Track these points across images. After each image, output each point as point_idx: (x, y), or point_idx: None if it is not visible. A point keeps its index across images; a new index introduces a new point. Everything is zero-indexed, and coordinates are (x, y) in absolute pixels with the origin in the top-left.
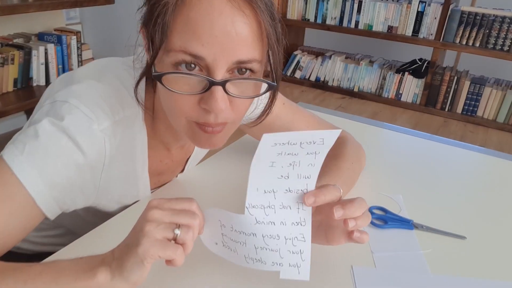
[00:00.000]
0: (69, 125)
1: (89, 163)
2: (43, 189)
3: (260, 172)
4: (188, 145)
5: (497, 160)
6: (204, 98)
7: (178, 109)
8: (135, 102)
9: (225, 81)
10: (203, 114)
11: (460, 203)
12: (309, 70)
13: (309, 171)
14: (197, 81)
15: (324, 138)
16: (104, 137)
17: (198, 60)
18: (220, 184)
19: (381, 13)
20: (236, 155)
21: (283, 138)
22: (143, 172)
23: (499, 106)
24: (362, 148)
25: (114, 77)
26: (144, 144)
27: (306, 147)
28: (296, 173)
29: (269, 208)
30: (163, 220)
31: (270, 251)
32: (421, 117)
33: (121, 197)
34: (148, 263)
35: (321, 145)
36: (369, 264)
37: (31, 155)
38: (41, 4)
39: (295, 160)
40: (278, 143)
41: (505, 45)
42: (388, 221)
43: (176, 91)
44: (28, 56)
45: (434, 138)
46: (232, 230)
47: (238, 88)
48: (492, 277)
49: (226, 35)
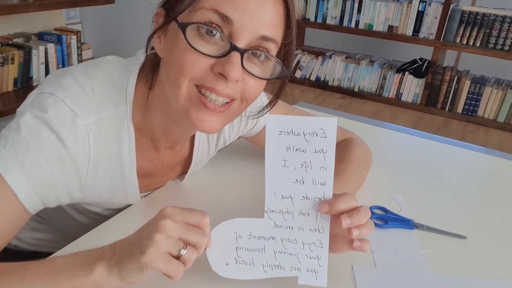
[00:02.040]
0: (53, 118)
1: (73, 157)
2: (24, 183)
3: (275, 174)
4: (179, 147)
5: (498, 160)
6: (220, 63)
7: (187, 70)
8: (124, 101)
9: (246, 49)
10: (212, 79)
11: (460, 202)
12: (310, 69)
13: (323, 176)
14: (216, 46)
15: (324, 128)
16: (88, 132)
17: (226, 23)
18: (214, 188)
19: (381, 12)
20: (230, 159)
21: (286, 124)
22: (131, 173)
23: (500, 106)
24: (368, 147)
25: (106, 75)
26: (132, 143)
27: (310, 140)
28: (310, 177)
29: (287, 214)
30: (173, 235)
31: (289, 255)
32: (421, 117)
33: (109, 198)
34: (147, 271)
35: (324, 139)
36: (369, 263)
37: (13, 149)
38: (41, 3)
39: (305, 159)
40: (283, 132)
41: (505, 44)
42: (388, 220)
43: (195, 46)
44: (28, 55)
45: (435, 138)
46: (251, 238)
47: (255, 67)
48: (492, 277)
49: (259, 6)
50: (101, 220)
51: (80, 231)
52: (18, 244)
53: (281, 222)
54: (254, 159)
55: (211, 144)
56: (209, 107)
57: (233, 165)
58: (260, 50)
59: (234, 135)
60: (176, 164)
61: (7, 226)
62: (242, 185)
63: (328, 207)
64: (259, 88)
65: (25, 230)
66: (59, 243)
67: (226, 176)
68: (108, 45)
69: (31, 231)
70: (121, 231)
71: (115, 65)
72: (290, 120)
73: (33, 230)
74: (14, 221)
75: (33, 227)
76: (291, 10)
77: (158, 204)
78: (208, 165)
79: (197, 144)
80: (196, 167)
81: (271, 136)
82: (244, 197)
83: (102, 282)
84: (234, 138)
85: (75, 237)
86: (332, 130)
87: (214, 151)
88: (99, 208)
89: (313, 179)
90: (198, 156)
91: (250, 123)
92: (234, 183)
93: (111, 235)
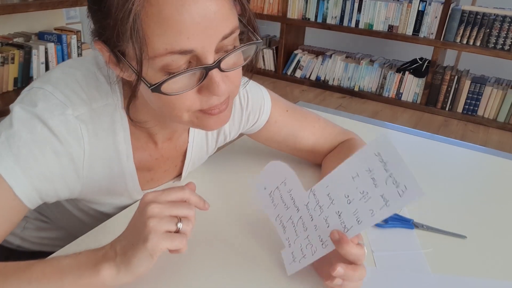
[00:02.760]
0: (43, 111)
1: (67, 150)
2: (21, 177)
3: (341, 176)
4: (176, 138)
5: (498, 160)
6: (204, 86)
7: (180, 108)
8: (115, 91)
9: (219, 61)
10: (206, 101)
11: (460, 202)
12: (310, 69)
13: (364, 217)
14: (191, 74)
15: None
16: (80, 124)
17: (187, 54)
18: (214, 188)
19: (381, 12)
20: (230, 159)
21: (389, 155)
22: (128, 160)
23: (500, 105)
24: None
25: (94, 66)
26: (127, 132)
27: (388, 188)
28: (356, 207)
29: (319, 208)
30: (164, 214)
31: (294, 231)
32: (421, 116)
33: (109, 190)
34: (156, 255)
35: (398, 198)
36: (369, 263)
37: (6, 142)
38: (41, 3)
39: (369, 192)
40: (380, 155)
41: (505, 44)
42: (388, 220)
43: (178, 92)
44: (28, 55)
45: (435, 138)
46: (289, 192)
47: (230, 61)
48: (492, 276)
49: (206, 19)
50: (103, 219)
51: (83, 230)
52: (21, 244)
53: (312, 207)
54: (254, 159)
55: (211, 138)
56: (215, 113)
57: (233, 165)
58: (228, 52)
59: (235, 131)
60: (176, 157)
61: (3, 221)
62: (242, 185)
63: (338, 241)
64: (239, 73)
65: (29, 229)
66: (62, 242)
67: (226, 176)
68: None
69: (35, 230)
70: (122, 229)
71: (102, 58)
72: (394, 156)
73: (37, 229)
74: (10, 216)
75: (37, 226)
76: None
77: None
78: (208, 165)
79: (192, 134)
80: (194, 160)
81: (369, 150)
82: (244, 197)
83: (110, 281)
84: (235, 134)
85: (79, 236)
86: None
87: (214, 148)
88: (101, 205)
89: (356, 209)
90: (194, 146)
91: (252, 119)
92: (234, 183)
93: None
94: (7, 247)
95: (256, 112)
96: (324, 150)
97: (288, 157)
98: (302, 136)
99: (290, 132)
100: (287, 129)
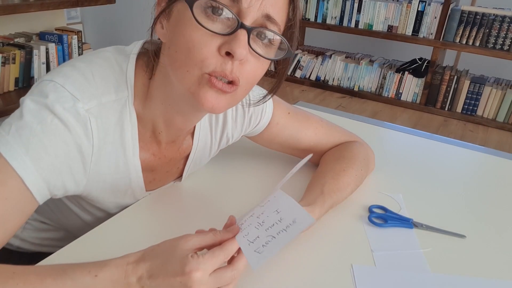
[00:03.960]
0: (53, 102)
1: (76, 141)
2: (31, 167)
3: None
4: (180, 141)
5: (497, 159)
6: (227, 41)
7: (196, 50)
8: (125, 86)
9: (253, 27)
10: (220, 62)
11: (460, 202)
12: (310, 69)
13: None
14: (222, 25)
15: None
16: (90, 117)
17: (235, 2)
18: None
19: (381, 12)
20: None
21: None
22: (134, 156)
23: (499, 105)
24: (372, 152)
25: (105, 61)
26: (134, 128)
27: (285, 229)
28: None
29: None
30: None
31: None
32: (421, 116)
33: (113, 185)
34: None
35: (294, 227)
36: (369, 262)
37: (17, 133)
38: (42, 3)
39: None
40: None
41: (505, 44)
42: (388, 220)
43: (205, 25)
44: (29, 55)
45: (434, 137)
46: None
47: (258, 48)
48: (492, 276)
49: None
50: (104, 218)
51: (83, 229)
52: (20, 245)
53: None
54: (254, 159)
55: (214, 142)
56: (217, 85)
57: (234, 165)
58: (267, 29)
59: (237, 133)
60: (179, 160)
61: (15, 214)
62: (242, 185)
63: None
64: (260, 70)
65: (29, 230)
66: (62, 242)
67: (227, 176)
68: (109, 45)
69: (35, 231)
70: (123, 229)
71: (114, 53)
72: (287, 201)
73: (36, 230)
74: (22, 208)
75: (37, 227)
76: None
77: (160, 203)
78: (209, 165)
79: (198, 130)
80: (196, 162)
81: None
82: (245, 197)
83: None
84: (237, 137)
85: (78, 236)
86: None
87: (216, 150)
88: (103, 203)
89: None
90: (197, 150)
91: (253, 121)
92: (234, 183)
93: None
94: (7, 248)
95: (258, 114)
96: (326, 150)
97: (288, 157)
98: (304, 136)
99: (292, 133)
100: (288, 131)
